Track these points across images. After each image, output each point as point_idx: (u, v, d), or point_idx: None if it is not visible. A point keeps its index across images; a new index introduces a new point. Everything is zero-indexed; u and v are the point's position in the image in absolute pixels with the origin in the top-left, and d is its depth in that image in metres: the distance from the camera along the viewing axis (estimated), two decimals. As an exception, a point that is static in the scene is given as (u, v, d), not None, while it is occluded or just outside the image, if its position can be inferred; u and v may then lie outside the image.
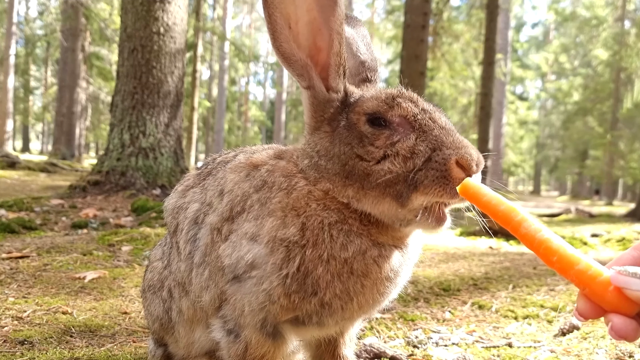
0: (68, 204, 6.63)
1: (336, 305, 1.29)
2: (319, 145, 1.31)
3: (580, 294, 0.97)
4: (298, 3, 1.26)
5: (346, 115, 1.30)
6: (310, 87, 1.34)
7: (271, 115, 52.65)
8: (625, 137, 29.67)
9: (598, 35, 33.15)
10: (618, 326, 0.90)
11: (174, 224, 1.61)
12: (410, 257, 1.39)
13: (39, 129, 57.51)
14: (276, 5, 1.26)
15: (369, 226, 1.28)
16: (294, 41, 1.29)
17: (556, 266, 0.99)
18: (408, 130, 1.24)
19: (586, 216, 13.25)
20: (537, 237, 1.02)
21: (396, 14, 25.39)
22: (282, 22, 1.27)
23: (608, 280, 0.92)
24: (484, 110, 13.05)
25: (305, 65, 1.32)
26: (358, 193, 1.25)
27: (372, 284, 1.30)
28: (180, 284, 1.56)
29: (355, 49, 1.53)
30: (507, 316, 2.76)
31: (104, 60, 26.39)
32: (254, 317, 1.32)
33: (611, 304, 0.92)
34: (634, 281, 0.89)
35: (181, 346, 1.69)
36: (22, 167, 13.76)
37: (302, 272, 1.25)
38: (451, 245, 4.95)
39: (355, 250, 1.26)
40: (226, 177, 1.45)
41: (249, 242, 1.30)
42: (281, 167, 1.36)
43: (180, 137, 8.16)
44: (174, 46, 7.72)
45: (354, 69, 1.51)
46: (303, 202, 1.28)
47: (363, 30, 1.60)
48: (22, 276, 3.00)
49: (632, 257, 0.97)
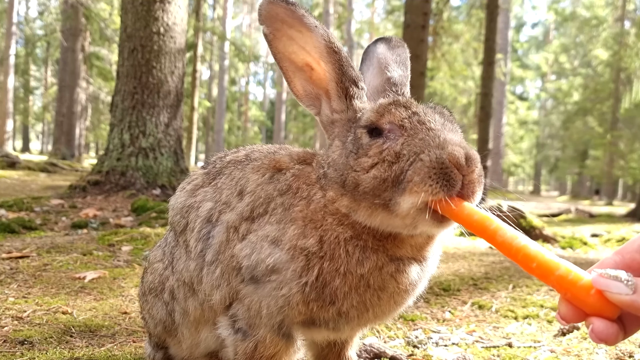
0: (68, 204, 6.63)
1: (353, 314, 1.32)
2: (330, 158, 1.35)
3: (561, 299, 0.97)
4: (309, 48, 1.37)
5: (354, 131, 1.33)
6: (319, 113, 1.45)
7: (271, 115, 52.66)
8: (625, 137, 29.65)
9: (598, 35, 33.15)
10: (599, 329, 0.91)
11: (182, 222, 1.59)
12: (430, 269, 1.40)
13: (39, 129, 57.53)
14: (284, 58, 1.39)
15: (383, 241, 1.28)
16: (311, 80, 1.42)
17: (536, 272, 0.99)
18: (397, 136, 1.23)
19: (586, 216, 13.27)
20: (514, 245, 1.03)
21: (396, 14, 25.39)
22: (294, 67, 1.41)
23: (589, 284, 0.92)
24: (484, 110, 13.04)
25: (318, 96, 1.44)
26: (352, 203, 1.26)
27: (389, 296, 1.32)
28: (186, 283, 1.55)
29: (384, 67, 1.57)
30: (507, 316, 2.76)
31: (104, 60, 26.39)
32: (271, 319, 1.34)
33: (593, 308, 0.92)
34: (615, 284, 0.89)
35: (184, 347, 1.68)
36: (22, 167, 13.76)
37: (320, 281, 1.27)
38: (451, 245, 4.95)
39: (372, 266, 1.27)
40: (247, 177, 1.47)
41: (270, 246, 1.31)
42: (306, 174, 1.40)
43: (180, 137, 8.16)
44: (174, 46, 7.73)
45: (380, 86, 1.55)
46: (320, 215, 1.31)
47: (400, 51, 1.63)
48: (22, 276, 3.00)
49: (614, 262, 0.97)
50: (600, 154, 31.77)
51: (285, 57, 1.39)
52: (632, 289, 0.88)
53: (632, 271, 0.93)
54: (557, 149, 42.90)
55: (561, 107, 40.91)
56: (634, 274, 0.92)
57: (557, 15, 40.22)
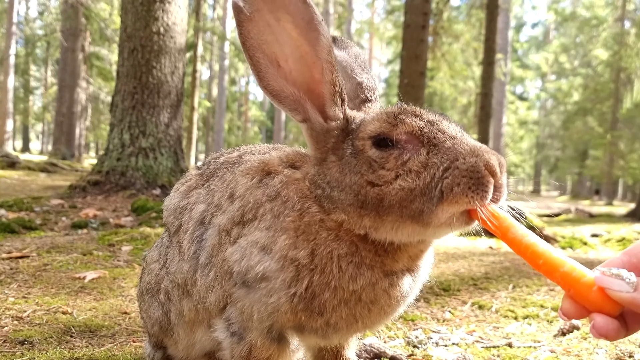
0: (68, 204, 6.63)
1: (341, 325, 1.31)
2: (329, 176, 1.27)
3: (565, 295, 1.01)
4: (283, 41, 1.23)
5: (351, 142, 1.25)
6: (306, 119, 1.31)
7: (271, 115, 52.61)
8: (625, 137, 29.64)
9: (598, 35, 33.12)
10: (599, 324, 0.94)
11: (176, 224, 1.59)
12: (421, 277, 1.39)
13: (39, 129, 57.50)
14: (256, 47, 1.24)
15: (383, 256, 1.26)
16: (285, 78, 1.27)
17: (542, 269, 1.04)
18: (417, 146, 1.18)
19: (586, 216, 13.27)
20: (523, 242, 1.07)
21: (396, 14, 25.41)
22: (266, 61, 1.25)
23: (592, 281, 0.96)
24: (484, 110, 13.06)
25: (299, 99, 1.29)
26: (375, 222, 1.20)
27: (380, 309, 1.31)
28: (180, 285, 1.55)
29: (349, 71, 1.50)
30: (507, 316, 2.76)
31: (104, 60, 26.39)
32: (261, 323, 1.33)
33: (595, 304, 0.96)
34: (617, 282, 0.93)
35: (180, 348, 1.68)
36: (22, 167, 13.76)
37: (309, 293, 1.25)
38: (451, 245, 4.95)
39: (365, 282, 1.25)
40: (237, 181, 1.43)
41: (260, 253, 1.29)
42: (295, 183, 1.34)
43: (180, 137, 8.16)
44: (174, 46, 7.72)
45: (351, 92, 1.47)
46: (314, 229, 1.26)
47: (355, 51, 1.56)
48: (22, 276, 3.00)
49: (622, 262, 1.00)
50: (600, 154, 31.75)
51: (258, 47, 1.24)
52: (633, 287, 0.91)
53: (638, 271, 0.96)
54: (557, 149, 42.88)
55: (561, 107, 40.89)
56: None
57: (557, 15, 40.19)
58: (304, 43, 1.23)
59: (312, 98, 1.29)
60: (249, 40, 1.23)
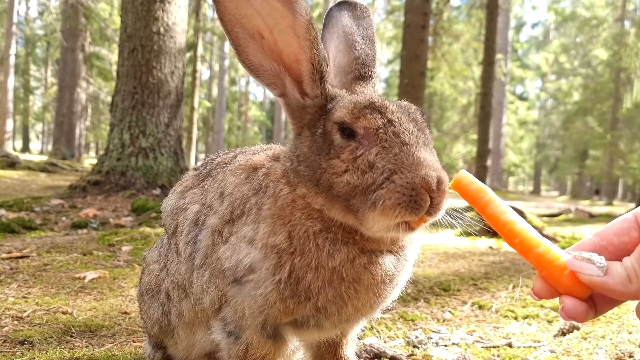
0: (68, 204, 6.63)
1: (331, 309, 1.30)
2: (299, 150, 1.29)
3: (537, 275, 1.02)
4: (265, 13, 1.22)
5: (323, 122, 1.26)
6: (283, 94, 1.31)
7: (271, 115, 52.62)
8: (625, 137, 29.64)
9: (598, 35, 33.12)
10: (569, 307, 0.97)
11: (172, 225, 1.60)
12: (408, 257, 1.38)
13: (39, 129, 57.51)
14: (234, 22, 1.24)
15: (353, 234, 1.26)
16: (270, 49, 1.27)
17: (518, 247, 1.04)
18: (372, 144, 1.19)
19: (586, 216, 13.25)
20: (502, 219, 1.07)
21: (396, 14, 25.41)
22: (245, 36, 1.25)
23: (564, 264, 0.98)
24: (484, 110, 13.07)
25: (278, 74, 1.29)
26: (327, 203, 1.24)
27: (366, 288, 1.29)
28: (179, 286, 1.56)
29: (351, 44, 1.45)
30: (507, 316, 2.76)
31: (104, 60, 26.37)
32: (254, 319, 1.33)
33: (565, 287, 0.98)
34: (588, 266, 0.95)
35: (181, 349, 1.68)
36: (22, 167, 13.76)
37: (293, 278, 1.26)
38: (451, 245, 4.95)
39: (343, 258, 1.25)
40: (226, 180, 1.45)
41: (247, 246, 1.31)
42: (273, 171, 1.36)
43: (180, 137, 8.16)
44: (174, 46, 7.72)
45: (347, 66, 1.45)
46: (288, 210, 1.28)
47: (366, 22, 1.50)
48: (22, 276, 3.00)
49: (592, 243, 1.02)
50: (600, 154, 31.77)
51: (236, 22, 1.24)
52: (603, 271, 0.94)
53: (609, 253, 0.99)
54: (557, 149, 42.87)
55: (561, 107, 40.89)
56: (610, 255, 0.98)
57: (557, 15, 40.20)
58: (289, 14, 1.22)
59: (292, 73, 1.29)
60: (226, 16, 1.23)
